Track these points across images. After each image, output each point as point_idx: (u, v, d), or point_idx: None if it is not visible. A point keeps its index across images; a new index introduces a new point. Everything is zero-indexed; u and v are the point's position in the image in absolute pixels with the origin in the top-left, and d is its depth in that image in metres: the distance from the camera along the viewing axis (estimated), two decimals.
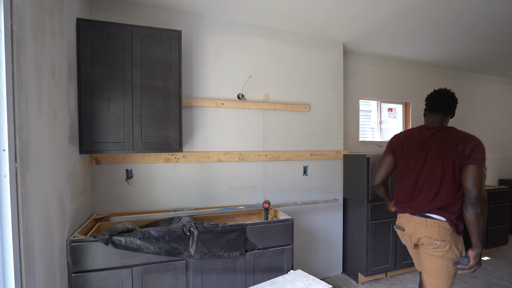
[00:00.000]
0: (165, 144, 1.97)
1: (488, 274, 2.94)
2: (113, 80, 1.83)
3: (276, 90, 2.64)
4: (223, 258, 1.83)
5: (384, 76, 3.49)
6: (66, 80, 1.59)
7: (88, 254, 1.58)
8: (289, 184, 2.70)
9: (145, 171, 2.22)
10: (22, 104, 1.09)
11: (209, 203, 2.40)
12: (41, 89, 1.26)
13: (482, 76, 4.31)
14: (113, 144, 1.85)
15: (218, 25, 2.42)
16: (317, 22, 2.51)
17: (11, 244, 1.00)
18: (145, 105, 1.90)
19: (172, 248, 1.70)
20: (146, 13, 2.20)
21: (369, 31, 2.69)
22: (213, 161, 2.39)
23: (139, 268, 1.67)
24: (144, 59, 1.89)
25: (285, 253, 2.01)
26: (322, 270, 2.88)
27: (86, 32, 1.77)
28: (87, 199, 1.97)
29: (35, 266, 1.17)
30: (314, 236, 2.82)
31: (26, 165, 1.11)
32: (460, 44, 3.05)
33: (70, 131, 1.65)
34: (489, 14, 2.36)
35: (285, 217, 2.09)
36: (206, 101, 2.36)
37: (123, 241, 1.61)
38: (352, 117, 3.31)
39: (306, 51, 2.76)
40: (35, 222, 1.17)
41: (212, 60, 2.40)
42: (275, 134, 2.64)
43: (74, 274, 1.56)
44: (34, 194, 1.17)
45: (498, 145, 4.47)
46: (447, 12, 2.31)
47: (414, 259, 1.80)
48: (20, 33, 1.09)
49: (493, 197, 3.37)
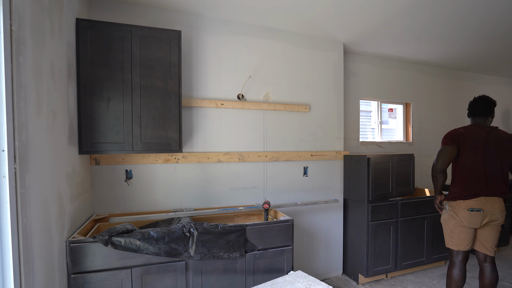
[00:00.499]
0: (165, 145, 1.97)
1: None
2: (112, 80, 1.82)
3: (276, 90, 2.64)
4: (223, 259, 1.82)
5: (385, 76, 3.49)
6: (66, 80, 1.59)
7: (87, 255, 1.57)
8: (289, 184, 2.70)
9: (144, 172, 2.21)
10: (21, 105, 1.09)
11: (209, 203, 2.40)
12: (40, 90, 1.25)
13: (483, 76, 4.30)
14: (113, 144, 1.84)
15: (218, 25, 2.42)
16: (317, 22, 2.51)
17: (10, 245, 1.00)
18: (144, 105, 1.90)
19: (172, 249, 1.69)
20: (145, 13, 2.20)
21: (370, 31, 2.69)
22: (213, 161, 2.39)
23: (138, 269, 1.66)
24: (143, 59, 1.89)
25: (285, 254, 2.01)
26: (322, 271, 2.87)
27: (86, 32, 1.77)
28: (87, 199, 1.96)
29: (34, 267, 1.16)
30: (314, 237, 2.82)
31: (25, 165, 1.10)
32: (461, 44, 3.04)
33: (70, 132, 1.64)
34: (490, 14, 2.35)
35: (285, 218, 2.09)
36: (206, 101, 2.35)
37: (123, 242, 1.61)
38: (353, 118, 3.31)
39: (306, 51, 2.76)
40: (34, 223, 1.17)
41: (212, 60, 2.40)
42: (275, 134, 2.64)
43: (74, 275, 1.55)
44: (33, 195, 1.17)
45: None
46: (448, 12, 2.31)
47: (466, 239, 2.08)
48: (19, 33, 1.09)
49: None
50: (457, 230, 2.10)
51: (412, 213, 2.87)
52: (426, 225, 2.95)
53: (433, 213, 2.99)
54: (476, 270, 2.98)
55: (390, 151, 3.55)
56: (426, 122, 3.81)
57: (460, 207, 2.07)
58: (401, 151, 3.61)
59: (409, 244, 2.86)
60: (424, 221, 2.94)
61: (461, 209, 2.06)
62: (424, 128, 3.80)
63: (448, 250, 3.09)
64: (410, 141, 3.72)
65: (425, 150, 3.81)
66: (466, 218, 2.04)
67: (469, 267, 2.97)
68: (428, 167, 3.81)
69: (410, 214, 2.86)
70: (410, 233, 2.87)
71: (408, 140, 3.74)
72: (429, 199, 2.98)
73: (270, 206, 2.26)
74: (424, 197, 2.97)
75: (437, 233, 3.02)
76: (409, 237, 2.86)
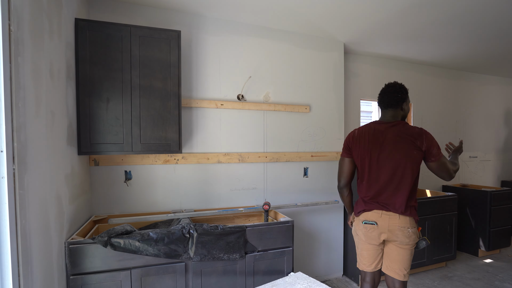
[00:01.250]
0: (164, 145, 1.96)
1: (490, 276, 2.92)
2: (111, 80, 1.82)
3: (276, 90, 2.63)
4: (222, 260, 1.82)
5: (385, 77, 3.48)
6: (64, 80, 1.58)
7: (86, 256, 1.56)
8: (290, 185, 2.69)
9: (144, 173, 2.20)
10: (20, 105, 1.08)
11: (209, 204, 2.39)
12: (39, 90, 1.25)
13: (484, 77, 4.29)
14: (112, 145, 1.84)
15: (218, 25, 2.41)
16: (317, 22, 2.50)
17: (9, 246, 0.99)
18: (144, 106, 1.89)
19: (172, 250, 1.69)
20: (145, 13, 2.19)
21: (371, 31, 2.68)
22: (212, 162, 2.38)
23: (138, 270, 1.65)
24: (143, 60, 1.88)
25: (286, 255, 2.00)
26: (322, 272, 2.86)
27: (85, 32, 1.76)
28: (86, 200, 1.95)
29: (33, 268, 1.15)
30: (314, 238, 2.80)
31: (24, 166, 1.10)
32: (462, 44, 3.03)
33: (69, 132, 1.64)
34: (492, 14, 2.34)
35: (286, 219, 2.08)
36: (205, 102, 2.35)
37: (122, 243, 1.60)
38: (353, 118, 3.30)
39: (307, 51, 2.75)
40: (33, 224, 1.16)
41: (211, 61, 2.39)
42: (275, 135, 2.63)
43: (73, 276, 1.55)
44: (32, 196, 1.16)
45: (500, 146, 4.45)
46: (450, 11, 2.30)
47: (368, 258, 1.77)
48: (18, 33, 1.08)
49: (495, 199, 3.35)
50: (360, 247, 1.81)
51: None
52: (426, 226, 2.93)
53: (434, 214, 2.98)
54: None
55: None
56: (427, 123, 3.80)
57: (358, 220, 1.78)
58: None
59: None
60: (425, 222, 2.92)
61: (358, 221, 1.78)
62: (425, 129, 3.78)
63: (448, 255, 3.09)
64: None
65: None
66: (362, 231, 1.74)
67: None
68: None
69: None
70: None
71: None
72: (430, 200, 2.97)
73: (270, 207, 2.25)
74: (425, 198, 2.96)
75: (438, 235, 3.01)
76: None
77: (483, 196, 3.37)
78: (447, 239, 3.08)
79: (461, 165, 4.09)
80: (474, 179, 4.22)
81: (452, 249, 3.11)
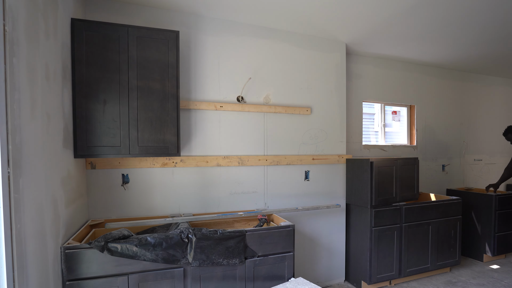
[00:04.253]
0: (162, 148, 1.93)
1: (495, 282, 2.86)
2: (108, 82, 1.79)
3: (276, 92, 2.60)
4: (222, 265, 1.78)
5: (388, 78, 3.44)
6: (60, 82, 1.56)
7: (83, 262, 1.54)
8: (290, 189, 2.65)
9: (141, 176, 2.17)
10: (15, 107, 1.07)
11: (208, 209, 2.35)
12: (34, 91, 1.23)
13: (488, 78, 4.24)
14: (109, 148, 1.81)
15: (217, 25, 2.39)
16: (319, 23, 2.47)
17: (3, 251, 0.98)
18: (141, 107, 1.87)
19: (170, 255, 1.66)
20: (142, 13, 2.17)
21: (373, 32, 2.65)
22: (211, 165, 2.34)
23: (135, 276, 1.63)
24: (140, 61, 1.86)
25: (286, 260, 1.96)
26: (324, 278, 2.81)
27: (81, 32, 1.74)
28: (82, 204, 1.93)
29: (28, 273, 1.14)
30: (316, 243, 2.76)
31: (19, 169, 1.09)
32: (466, 45, 2.99)
33: (65, 135, 1.61)
34: (497, 15, 2.31)
35: (286, 223, 2.04)
36: (204, 103, 2.32)
37: (119, 248, 1.57)
38: (355, 120, 3.26)
39: (308, 52, 2.72)
40: (28, 228, 1.15)
41: (210, 62, 2.37)
42: (276, 137, 2.60)
43: (69, 282, 1.53)
44: (27, 200, 1.15)
45: (505, 148, 4.39)
46: (453, 11, 2.27)
47: None
48: (13, 33, 1.07)
49: (501, 203, 3.29)
50: None
51: (416, 219, 2.80)
52: (430, 231, 2.88)
53: (438, 218, 2.92)
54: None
55: (394, 154, 3.49)
56: (431, 125, 3.75)
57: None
58: (405, 154, 3.55)
59: (413, 250, 2.79)
60: (429, 227, 2.87)
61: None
62: (429, 131, 3.74)
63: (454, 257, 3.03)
64: (414, 144, 3.66)
65: (430, 154, 3.75)
66: None
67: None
68: (433, 171, 3.75)
69: (414, 219, 2.79)
70: (415, 239, 2.80)
71: (412, 144, 3.68)
72: (434, 204, 2.92)
73: (270, 210, 2.21)
74: (429, 202, 2.91)
75: (442, 239, 2.95)
76: (413, 243, 2.80)
77: (488, 200, 3.31)
78: (451, 244, 3.02)
79: (465, 168, 4.04)
80: (479, 182, 4.16)
81: (457, 254, 3.05)
